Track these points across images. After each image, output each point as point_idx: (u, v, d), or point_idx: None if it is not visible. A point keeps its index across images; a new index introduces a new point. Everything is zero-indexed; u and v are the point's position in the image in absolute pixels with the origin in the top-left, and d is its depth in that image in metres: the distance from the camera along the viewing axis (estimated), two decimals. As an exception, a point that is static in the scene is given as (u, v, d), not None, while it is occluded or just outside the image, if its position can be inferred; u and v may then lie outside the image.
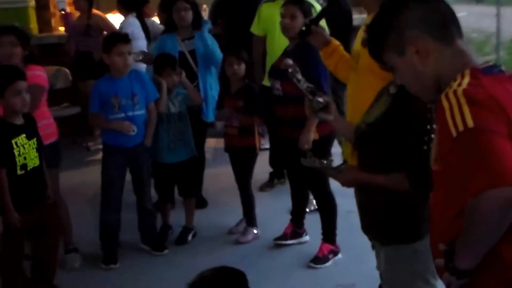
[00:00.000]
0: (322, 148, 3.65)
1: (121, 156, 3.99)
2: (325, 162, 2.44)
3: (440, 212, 1.66)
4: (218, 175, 5.31)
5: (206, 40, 4.65)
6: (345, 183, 2.35)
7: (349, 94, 2.99)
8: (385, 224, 2.28)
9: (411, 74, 1.69)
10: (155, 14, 6.54)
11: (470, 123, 1.41)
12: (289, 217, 4.27)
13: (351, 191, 2.41)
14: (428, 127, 2.06)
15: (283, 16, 3.78)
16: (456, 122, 1.43)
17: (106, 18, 6.71)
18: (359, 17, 5.76)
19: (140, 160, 4.07)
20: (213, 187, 5.24)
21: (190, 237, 4.39)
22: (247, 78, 4.26)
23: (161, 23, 5.88)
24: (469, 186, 1.41)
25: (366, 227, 2.39)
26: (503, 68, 1.60)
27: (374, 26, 1.78)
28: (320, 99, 2.44)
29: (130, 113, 3.94)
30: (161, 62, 4.27)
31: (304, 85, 2.55)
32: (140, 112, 3.99)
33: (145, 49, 5.42)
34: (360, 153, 2.31)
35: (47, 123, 3.70)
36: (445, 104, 1.49)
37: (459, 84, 1.52)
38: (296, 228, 4.23)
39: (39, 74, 3.65)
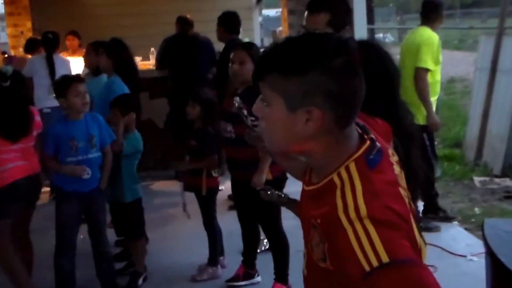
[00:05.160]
0: (275, 188, 3.69)
1: (77, 201, 3.89)
2: (283, 195, 2.47)
3: None
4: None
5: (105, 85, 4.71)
6: None
7: None
8: None
9: (282, 130, 1.39)
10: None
11: (385, 257, 1.23)
12: (241, 258, 4.28)
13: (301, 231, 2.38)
14: None
15: (232, 62, 3.85)
16: (368, 256, 1.24)
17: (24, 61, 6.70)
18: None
19: (96, 204, 4.00)
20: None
21: (140, 281, 4.34)
22: (205, 120, 4.29)
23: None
24: None
25: None
26: (378, 145, 1.42)
27: (294, 54, 1.36)
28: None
29: (86, 156, 3.88)
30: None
31: (248, 119, 2.68)
32: (96, 154, 3.94)
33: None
34: None
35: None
36: (348, 228, 1.28)
37: (354, 194, 1.32)
38: (248, 269, 4.25)
39: None
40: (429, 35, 5.07)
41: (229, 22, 6.07)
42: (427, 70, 4.95)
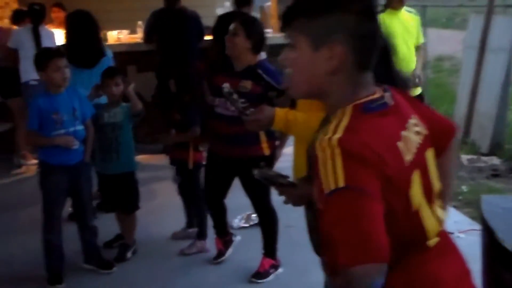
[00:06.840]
0: (269, 163, 3.69)
1: (63, 175, 3.88)
2: (278, 173, 2.39)
3: None
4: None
5: None
6: (299, 198, 2.06)
7: None
8: None
9: (306, 70, 1.50)
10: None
11: (341, 182, 1.30)
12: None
13: (289, 206, 2.18)
14: None
15: (228, 32, 3.76)
16: (328, 179, 1.32)
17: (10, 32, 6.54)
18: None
19: (82, 177, 4.01)
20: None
21: (129, 254, 4.33)
22: (182, 92, 4.31)
23: None
24: (337, 254, 1.29)
25: (318, 248, 2.22)
26: (386, 100, 1.50)
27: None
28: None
29: (71, 129, 3.87)
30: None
31: (239, 103, 2.73)
32: (80, 127, 3.93)
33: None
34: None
35: None
36: (320, 153, 1.36)
37: (337, 127, 1.40)
38: (224, 238, 4.24)
39: None
40: None
41: None
42: None
